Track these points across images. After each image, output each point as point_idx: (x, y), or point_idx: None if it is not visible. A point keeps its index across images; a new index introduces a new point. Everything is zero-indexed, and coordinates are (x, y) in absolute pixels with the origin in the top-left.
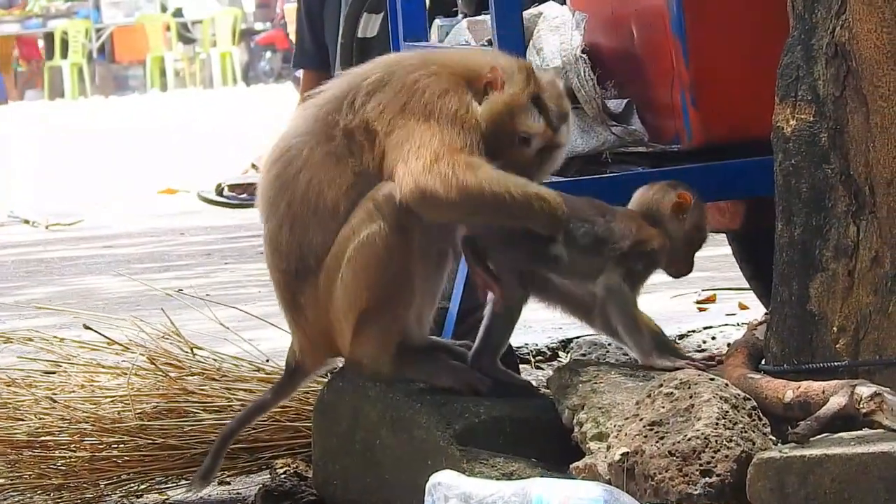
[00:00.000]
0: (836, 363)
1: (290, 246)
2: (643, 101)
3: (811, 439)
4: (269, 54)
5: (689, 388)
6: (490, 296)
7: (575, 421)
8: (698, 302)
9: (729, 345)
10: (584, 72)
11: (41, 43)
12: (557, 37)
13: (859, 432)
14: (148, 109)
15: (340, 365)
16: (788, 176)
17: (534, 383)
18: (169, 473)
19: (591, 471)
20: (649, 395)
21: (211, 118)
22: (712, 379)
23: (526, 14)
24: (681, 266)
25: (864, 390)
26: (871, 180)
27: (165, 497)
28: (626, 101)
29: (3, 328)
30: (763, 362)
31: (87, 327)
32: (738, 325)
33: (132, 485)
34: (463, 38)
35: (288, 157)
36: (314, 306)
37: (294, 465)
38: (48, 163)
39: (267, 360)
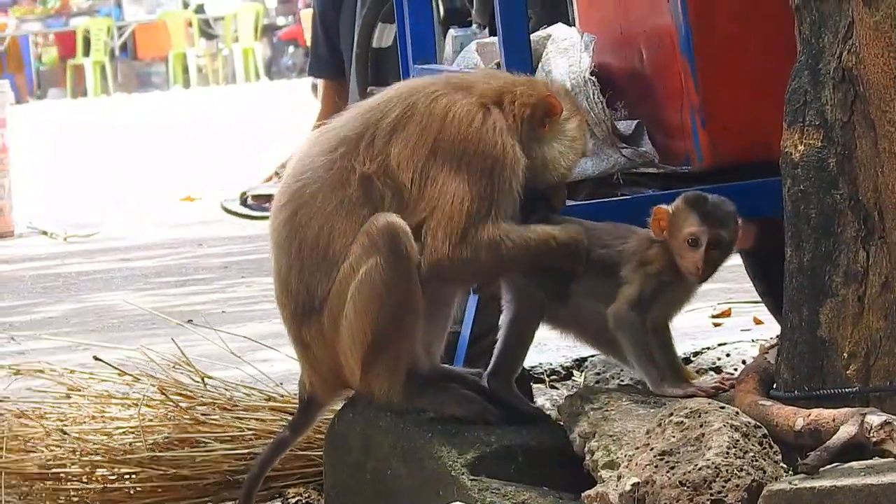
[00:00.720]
0: (846, 389)
1: (298, 287)
2: (653, 121)
3: (821, 469)
4: (291, 49)
5: (700, 416)
6: (503, 318)
7: (586, 449)
8: (714, 316)
9: (743, 362)
10: (594, 94)
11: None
12: (566, 59)
13: (870, 461)
14: (171, 106)
15: (351, 395)
16: (797, 201)
17: (548, 404)
18: (180, 501)
19: (603, 499)
20: (660, 425)
21: (234, 114)
22: (723, 407)
23: (534, 36)
24: (687, 272)
25: (875, 419)
26: (880, 205)
27: None
28: (636, 122)
29: (19, 348)
30: (774, 388)
31: (97, 359)
32: (752, 341)
33: None
34: (472, 61)
35: (301, 200)
36: (321, 344)
37: (306, 495)
38: (68, 164)
39: (280, 384)
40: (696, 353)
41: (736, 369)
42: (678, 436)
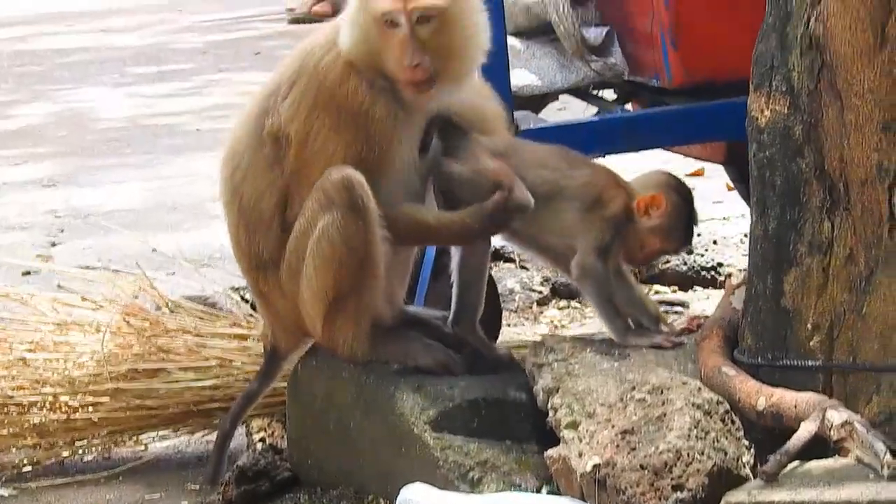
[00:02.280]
0: (809, 362)
1: (248, 243)
2: (623, 28)
3: (780, 474)
4: None
5: (662, 393)
6: (453, 263)
7: (549, 405)
8: (687, 175)
9: (714, 242)
10: (563, 7)
11: None
12: None
13: (829, 464)
14: None
15: (313, 343)
16: (762, 168)
17: (518, 286)
18: (145, 430)
19: (565, 463)
20: (622, 400)
21: None
22: (685, 383)
23: None
24: (632, 258)
25: (836, 417)
26: (845, 176)
27: (143, 447)
28: (605, 29)
29: None
30: (737, 351)
31: (60, 287)
32: (723, 219)
33: (108, 442)
34: None
35: (235, 159)
36: (279, 297)
37: (270, 430)
38: None
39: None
40: None
41: (707, 249)
42: (640, 414)
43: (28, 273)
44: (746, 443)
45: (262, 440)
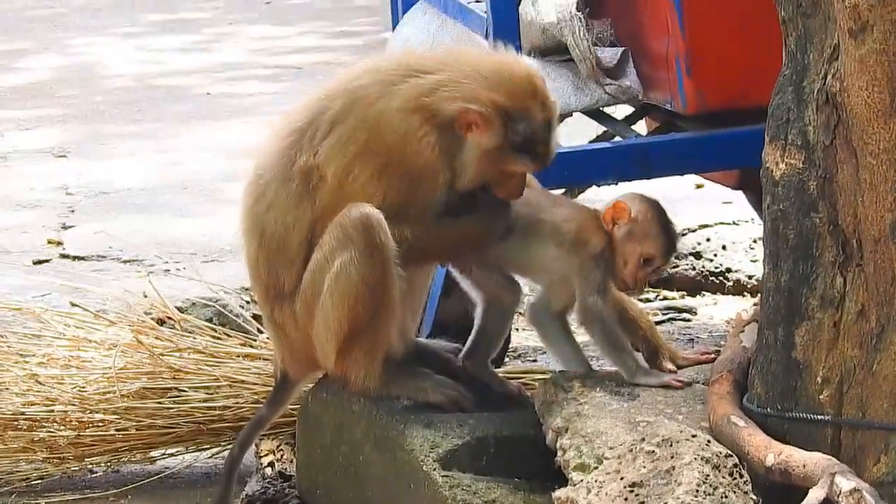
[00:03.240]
0: (819, 416)
1: (267, 274)
2: (639, 48)
3: None
4: None
5: (671, 446)
6: (476, 311)
7: (558, 445)
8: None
9: (723, 248)
10: (580, 30)
11: None
12: None
13: None
14: None
15: (320, 375)
16: (776, 220)
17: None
18: (155, 447)
19: None
20: (631, 451)
21: None
22: (694, 435)
23: None
24: (622, 279)
25: (845, 484)
26: (858, 233)
27: (151, 460)
28: (621, 50)
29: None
30: (746, 398)
31: (73, 304)
32: (734, 223)
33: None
34: None
35: (259, 189)
36: (294, 328)
37: (279, 453)
38: None
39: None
40: None
41: (715, 254)
42: (649, 466)
43: (39, 262)
44: (754, 497)
45: (271, 464)
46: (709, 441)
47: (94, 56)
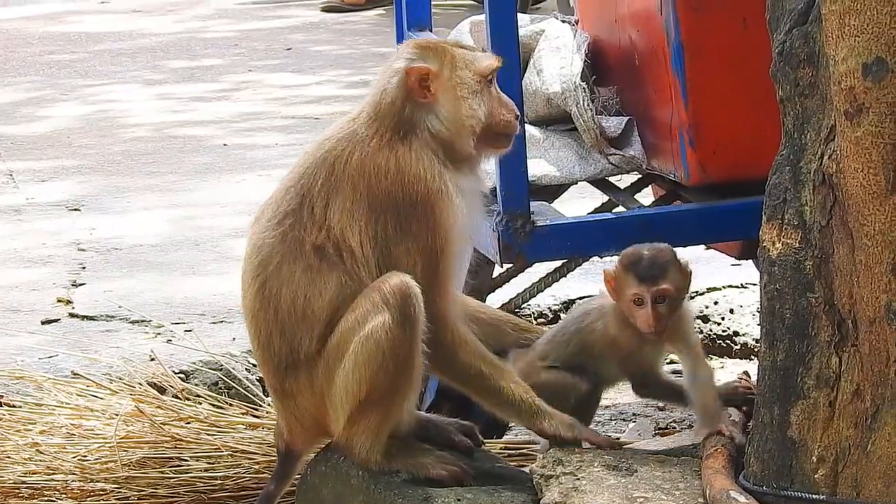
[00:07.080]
0: (814, 496)
1: (280, 346)
2: (644, 116)
3: None
4: None
5: None
6: None
7: None
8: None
9: (731, 311)
10: (584, 101)
11: None
12: (558, 59)
13: None
14: None
15: (324, 446)
16: (773, 300)
17: None
18: None
19: None
20: None
21: None
22: None
23: (527, 30)
24: (638, 328)
25: None
26: (854, 314)
27: None
28: (626, 119)
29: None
30: (742, 475)
31: (75, 374)
32: (741, 286)
33: None
34: (465, 42)
35: (266, 273)
36: (307, 393)
37: None
38: None
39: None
40: None
41: (723, 318)
42: None
43: (48, 322)
44: None
45: None
46: None
47: (114, 104)
